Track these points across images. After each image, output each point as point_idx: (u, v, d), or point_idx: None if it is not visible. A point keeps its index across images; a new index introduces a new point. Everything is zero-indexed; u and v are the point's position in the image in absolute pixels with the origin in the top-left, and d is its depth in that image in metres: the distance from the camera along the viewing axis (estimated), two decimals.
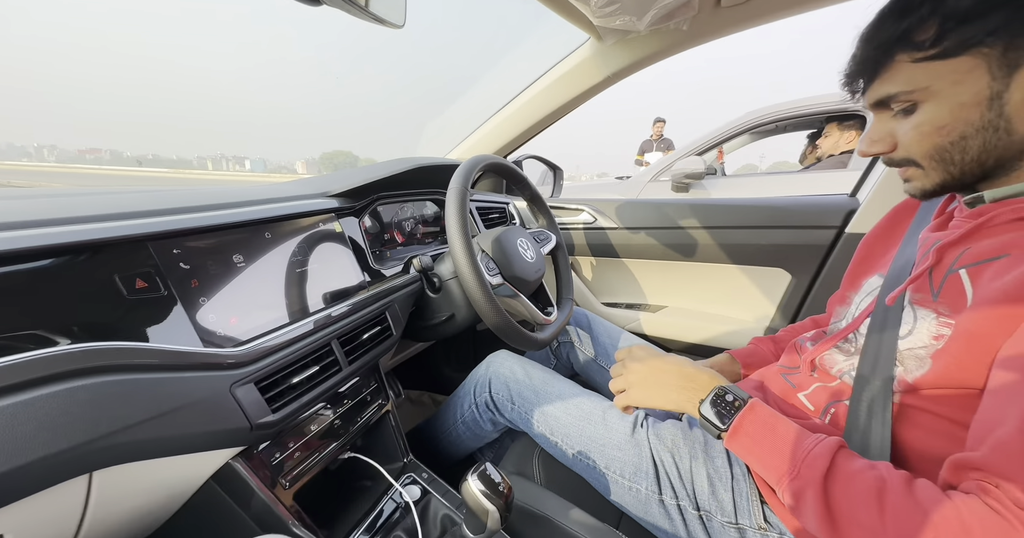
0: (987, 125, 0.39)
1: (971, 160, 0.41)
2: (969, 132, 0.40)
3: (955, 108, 0.39)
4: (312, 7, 0.47)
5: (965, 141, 0.40)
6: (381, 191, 0.80)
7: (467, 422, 0.80)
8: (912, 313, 0.45)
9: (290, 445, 0.54)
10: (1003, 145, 0.39)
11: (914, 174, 0.45)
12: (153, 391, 0.37)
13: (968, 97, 0.38)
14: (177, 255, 0.43)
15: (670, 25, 0.78)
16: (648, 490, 0.58)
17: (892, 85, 0.42)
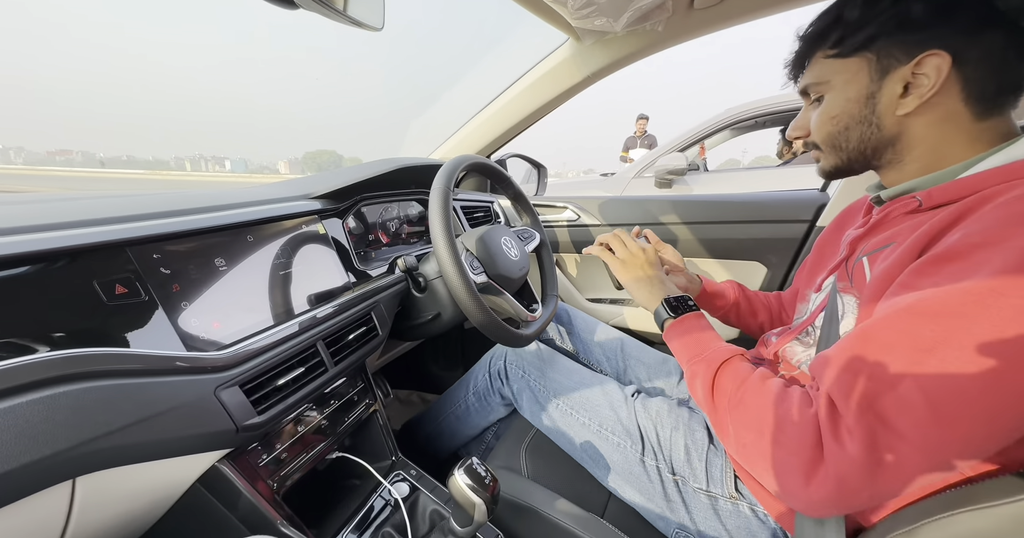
0: (864, 119, 0.46)
1: (853, 148, 0.49)
2: (852, 124, 0.47)
3: (844, 102, 0.47)
4: (289, 10, 0.47)
5: (848, 131, 0.48)
6: (365, 192, 0.80)
7: (479, 392, 0.85)
8: (841, 300, 0.50)
9: (277, 446, 0.55)
10: (875, 138, 0.47)
11: (818, 156, 0.53)
12: (136, 396, 0.37)
13: (853, 93, 0.46)
14: (157, 260, 0.43)
15: (646, 26, 0.80)
16: (632, 449, 0.64)
17: (809, 76, 0.50)
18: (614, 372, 0.88)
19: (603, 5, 0.69)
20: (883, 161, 0.49)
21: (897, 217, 0.48)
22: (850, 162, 0.50)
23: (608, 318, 1.23)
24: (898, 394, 0.33)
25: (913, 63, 0.42)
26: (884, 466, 0.33)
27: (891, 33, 0.43)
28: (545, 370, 0.78)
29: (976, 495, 0.34)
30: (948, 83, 0.41)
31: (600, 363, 0.90)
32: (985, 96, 0.41)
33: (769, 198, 1.05)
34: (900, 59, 0.43)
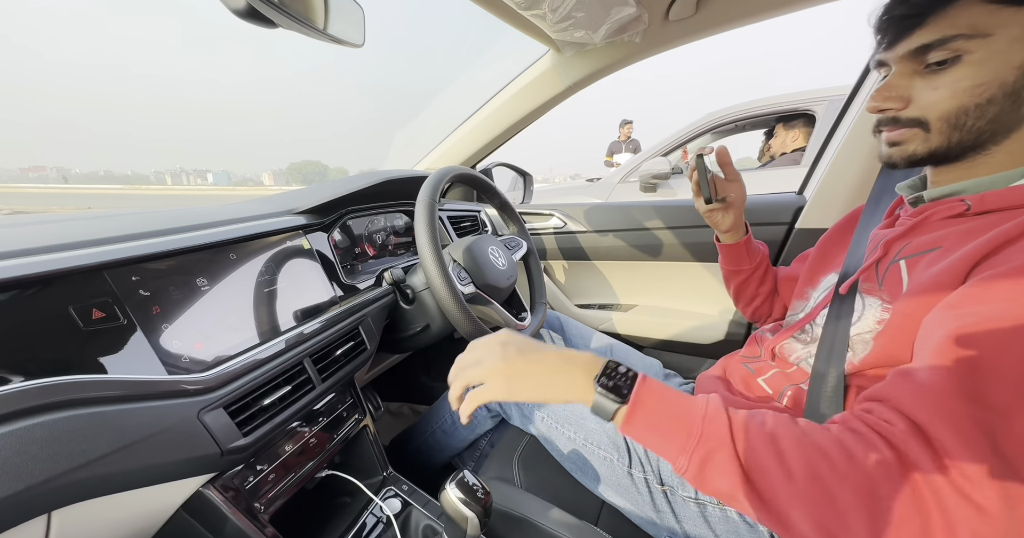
0: (1013, 92, 0.37)
1: (977, 129, 0.39)
2: (997, 97, 0.37)
3: (1000, 66, 0.36)
4: (268, 29, 0.47)
5: (988, 105, 0.38)
6: (350, 205, 0.80)
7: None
8: (861, 301, 0.49)
9: (264, 467, 0.54)
10: (1007, 118, 0.38)
11: (913, 137, 0.43)
12: (115, 423, 0.36)
13: (1019, 57, 0.36)
14: (136, 282, 0.42)
15: (624, 38, 0.81)
16: (619, 462, 0.63)
17: (951, 27, 0.37)
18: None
19: (582, 18, 0.71)
20: (978, 151, 0.41)
21: (940, 221, 0.44)
22: (958, 145, 0.41)
23: (597, 324, 1.24)
24: (1014, 428, 0.27)
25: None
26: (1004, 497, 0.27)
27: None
28: None
29: None
30: None
31: None
32: None
33: (749, 201, 1.07)
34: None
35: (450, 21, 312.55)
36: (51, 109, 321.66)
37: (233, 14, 0.42)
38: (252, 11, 0.41)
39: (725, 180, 0.70)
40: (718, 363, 0.72)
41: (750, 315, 0.83)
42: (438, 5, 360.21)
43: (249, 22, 0.44)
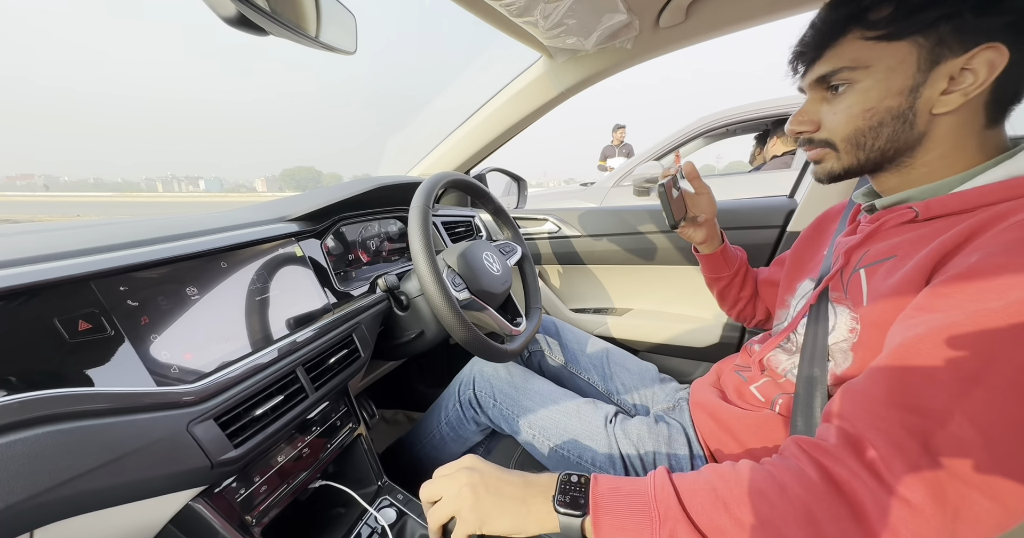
0: (901, 115, 0.42)
1: (878, 148, 0.44)
2: (887, 119, 0.43)
3: (883, 93, 0.42)
4: (259, 37, 0.47)
5: (881, 127, 0.43)
6: (343, 212, 0.80)
7: (451, 422, 0.82)
8: (833, 310, 0.50)
9: (256, 479, 0.53)
10: (904, 137, 0.43)
11: (826, 156, 0.48)
12: (101, 437, 0.35)
13: (897, 84, 0.41)
14: (124, 292, 0.42)
15: (615, 44, 0.82)
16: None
17: (839, 60, 0.43)
18: (600, 379, 0.88)
19: (573, 25, 0.71)
20: (896, 164, 0.45)
21: (893, 228, 0.46)
22: (867, 163, 0.46)
23: (592, 328, 1.24)
24: (949, 432, 0.29)
25: (967, 56, 0.38)
26: (961, 520, 0.28)
27: (962, 15, 0.37)
28: (518, 397, 0.75)
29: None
30: (985, 87, 0.38)
31: (587, 371, 0.91)
32: (1004, 102, 0.40)
33: (741, 205, 1.08)
34: (954, 49, 0.38)
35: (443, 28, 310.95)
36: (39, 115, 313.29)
37: (224, 22, 0.42)
38: (243, 19, 0.41)
39: (694, 194, 0.73)
40: (712, 369, 0.72)
41: (735, 317, 0.84)
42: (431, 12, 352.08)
43: (240, 30, 0.43)
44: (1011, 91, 0.39)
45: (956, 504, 0.28)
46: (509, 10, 0.64)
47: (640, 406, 0.83)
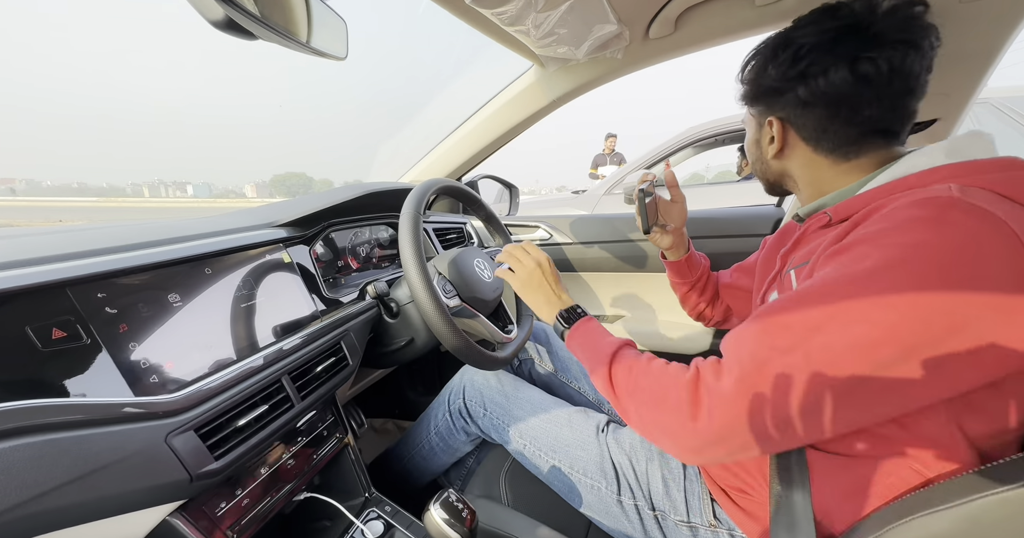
0: (759, 158, 0.59)
1: (763, 177, 0.61)
2: (753, 159, 0.61)
3: (750, 141, 0.60)
4: (249, 40, 0.47)
5: (755, 164, 0.61)
6: (333, 218, 0.79)
7: (441, 432, 0.81)
8: None
9: (237, 492, 0.51)
10: (769, 172, 0.59)
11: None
12: (73, 450, 0.34)
13: (751, 137, 0.59)
14: (102, 299, 0.40)
15: (606, 54, 0.83)
16: (608, 490, 0.62)
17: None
18: (591, 388, 0.88)
19: (564, 35, 0.72)
20: (787, 188, 0.59)
21: (814, 232, 0.52)
22: (770, 186, 0.61)
23: None
24: (786, 360, 0.38)
25: (766, 124, 0.54)
26: (755, 403, 0.38)
27: (748, 102, 0.57)
28: (508, 406, 0.75)
29: (932, 499, 0.36)
30: (793, 139, 0.53)
31: (578, 380, 0.90)
32: (825, 149, 0.51)
33: (729, 214, 1.09)
34: (760, 120, 0.56)
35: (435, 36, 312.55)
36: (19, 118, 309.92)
37: (212, 26, 0.42)
38: (231, 23, 0.40)
39: (670, 202, 0.80)
40: None
41: (695, 317, 0.89)
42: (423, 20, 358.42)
43: (228, 34, 0.43)
44: (825, 144, 0.51)
45: (752, 391, 0.38)
46: (501, 19, 0.65)
47: None
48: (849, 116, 0.48)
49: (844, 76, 0.46)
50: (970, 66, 0.70)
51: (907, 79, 0.46)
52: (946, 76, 0.72)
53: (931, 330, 0.34)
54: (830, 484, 0.45)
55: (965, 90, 0.72)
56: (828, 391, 0.36)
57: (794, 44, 0.49)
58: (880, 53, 0.44)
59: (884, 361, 0.35)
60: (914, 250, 0.36)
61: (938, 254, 0.35)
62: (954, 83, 0.72)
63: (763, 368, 0.38)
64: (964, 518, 0.33)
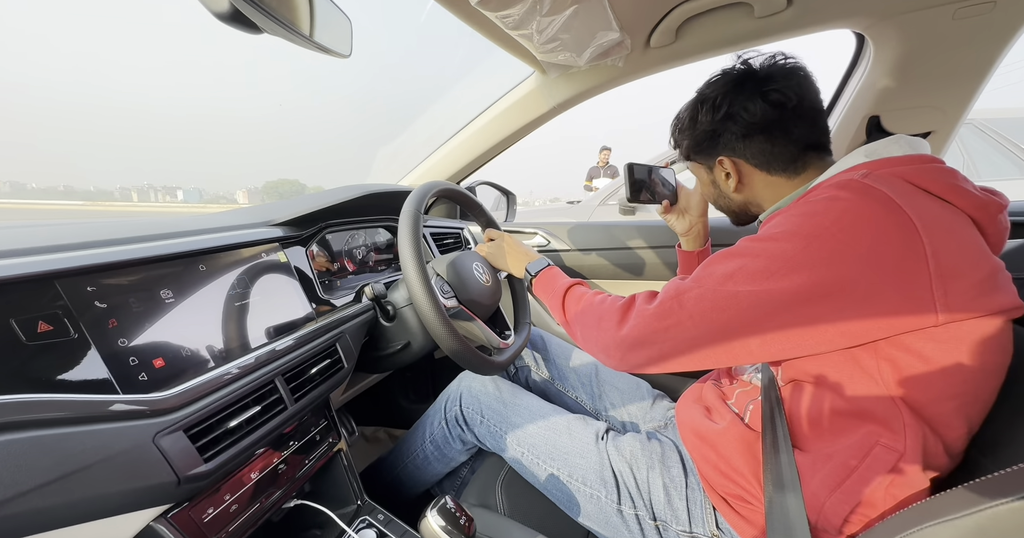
0: (720, 195, 0.65)
1: (728, 211, 0.67)
2: (712, 200, 0.68)
3: (706, 186, 0.67)
4: (253, 34, 0.46)
5: (716, 202, 0.68)
6: (330, 219, 0.78)
7: (436, 441, 0.79)
8: None
9: (226, 497, 0.49)
10: (734, 204, 0.64)
11: None
12: (55, 449, 0.32)
13: (704, 180, 0.66)
14: (92, 293, 0.39)
15: (607, 62, 0.84)
16: (608, 499, 0.61)
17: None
18: (589, 397, 0.87)
19: (567, 41, 0.73)
20: (753, 213, 0.64)
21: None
22: (736, 217, 0.67)
23: None
24: (700, 291, 0.48)
25: (716, 165, 0.61)
26: (668, 321, 0.49)
27: (692, 154, 0.64)
28: (506, 413, 0.74)
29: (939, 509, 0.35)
30: (746, 169, 0.59)
31: (575, 389, 0.89)
32: (778, 169, 0.57)
33: (725, 222, 1.10)
34: (709, 164, 0.62)
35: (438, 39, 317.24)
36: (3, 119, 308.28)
37: (215, 17, 0.41)
38: (236, 15, 0.40)
39: (689, 190, 0.85)
40: (694, 385, 0.72)
41: None
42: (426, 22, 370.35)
43: (232, 26, 0.43)
44: (775, 165, 0.57)
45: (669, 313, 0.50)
46: (505, 22, 0.65)
47: (630, 423, 0.81)
48: (784, 137, 0.55)
49: (761, 106, 0.54)
50: (963, 81, 0.72)
51: (811, 101, 0.55)
52: (939, 91, 0.74)
53: (803, 286, 0.42)
54: (817, 481, 0.47)
55: (958, 105, 0.74)
56: (723, 318, 0.46)
57: (709, 98, 0.58)
58: (779, 85, 0.54)
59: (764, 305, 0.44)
60: (806, 218, 0.44)
61: (821, 221, 0.43)
62: (947, 98, 0.74)
63: (680, 297, 0.49)
64: (972, 529, 0.33)
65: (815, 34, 0.77)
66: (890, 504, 0.43)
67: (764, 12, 0.70)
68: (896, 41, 0.73)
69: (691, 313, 0.48)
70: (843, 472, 0.45)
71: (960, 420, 0.44)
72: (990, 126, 2.15)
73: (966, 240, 0.42)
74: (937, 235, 0.40)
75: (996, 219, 0.46)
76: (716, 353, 0.48)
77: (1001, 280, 0.43)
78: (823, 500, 0.46)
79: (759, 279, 0.44)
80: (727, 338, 0.46)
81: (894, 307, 0.40)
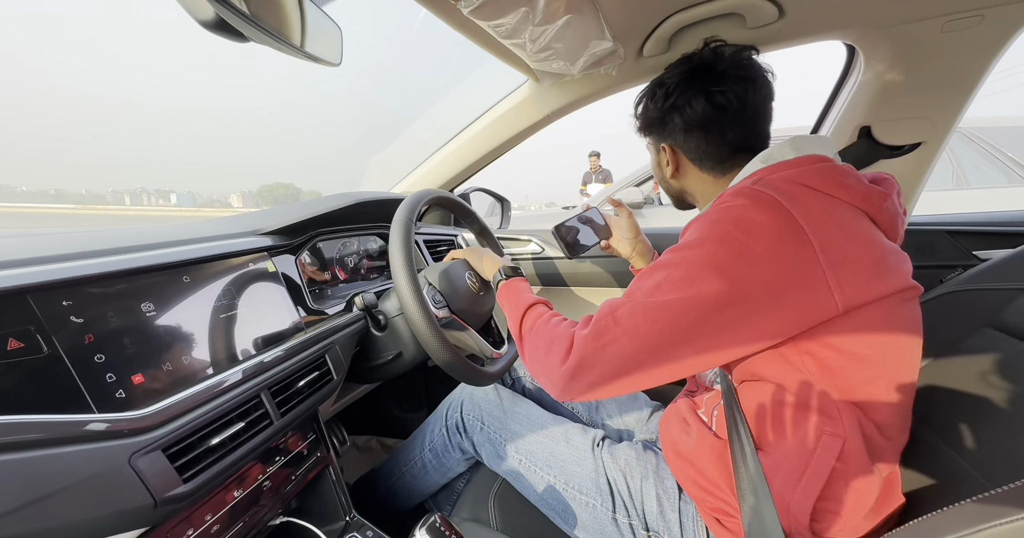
0: (661, 178, 0.69)
1: (668, 193, 0.71)
2: (659, 179, 0.70)
3: (653, 165, 0.70)
4: (240, 42, 0.45)
5: (660, 183, 0.70)
6: (321, 227, 0.77)
7: (436, 448, 0.79)
8: None
9: (207, 518, 0.47)
10: (671, 188, 0.69)
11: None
12: (23, 473, 0.31)
13: (652, 160, 0.69)
14: (67, 308, 0.38)
15: (600, 70, 0.84)
16: (603, 507, 0.61)
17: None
18: (585, 408, 0.86)
19: (560, 50, 0.73)
20: (690, 202, 0.69)
21: None
22: (675, 201, 0.71)
23: None
24: (631, 305, 0.48)
25: (660, 150, 0.65)
26: (605, 339, 0.49)
27: (643, 133, 0.68)
28: (506, 421, 0.74)
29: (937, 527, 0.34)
30: (683, 161, 0.63)
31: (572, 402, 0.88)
32: (708, 167, 0.61)
33: (670, 233, 1.10)
34: (656, 146, 0.66)
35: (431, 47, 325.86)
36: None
37: (201, 26, 0.41)
38: (222, 23, 0.39)
39: (617, 217, 0.88)
40: (676, 398, 0.71)
41: None
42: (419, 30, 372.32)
43: (218, 35, 0.42)
44: (707, 162, 0.61)
45: (605, 334, 0.49)
46: (498, 32, 0.65)
47: (626, 433, 0.81)
48: (719, 138, 0.59)
49: (704, 105, 0.57)
50: (952, 93, 0.72)
51: (754, 107, 0.57)
52: (929, 102, 0.75)
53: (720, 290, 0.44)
54: (780, 480, 0.48)
55: (948, 115, 0.74)
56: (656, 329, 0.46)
57: (665, 84, 0.61)
58: (726, 87, 0.56)
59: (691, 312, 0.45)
60: (712, 225, 0.47)
61: (724, 227, 0.46)
62: (937, 108, 0.75)
63: (613, 313, 0.49)
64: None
65: (808, 45, 0.78)
66: (852, 496, 0.46)
67: (756, 23, 0.71)
68: (886, 53, 0.74)
69: (626, 328, 0.47)
70: (800, 467, 0.47)
71: (887, 401, 0.47)
72: (979, 135, 2.19)
73: (853, 230, 0.46)
74: (823, 230, 0.44)
75: (882, 207, 0.49)
76: (657, 366, 0.48)
77: (892, 262, 0.47)
78: (788, 499, 0.47)
79: (683, 287, 0.46)
80: (664, 349, 0.47)
81: (799, 301, 0.43)
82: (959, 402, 0.55)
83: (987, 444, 0.49)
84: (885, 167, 0.82)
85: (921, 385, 0.63)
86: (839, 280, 0.43)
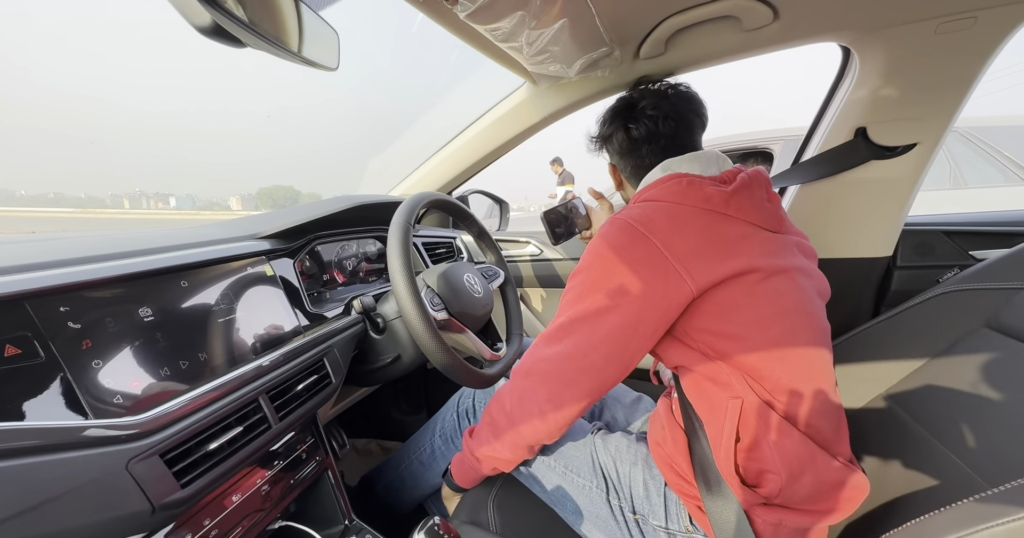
0: (619, 184, 0.78)
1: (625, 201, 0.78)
2: (615, 185, 0.79)
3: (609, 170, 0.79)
4: (237, 48, 0.46)
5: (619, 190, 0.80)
6: (319, 230, 0.77)
7: (447, 434, 0.81)
8: None
9: (205, 522, 0.47)
10: (624, 198, 0.79)
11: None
12: (20, 480, 0.31)
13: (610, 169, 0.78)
14: (64, 313, 0.38)
15: (597, 73, 0.85)
16: (598, 489, 0.64)
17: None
18: (588, 412, 0.86)
19: (556, 53, 0.73)
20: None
21: None
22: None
23: None
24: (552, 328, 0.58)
25: (608, 165, 0.77)
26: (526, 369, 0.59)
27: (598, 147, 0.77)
28: None
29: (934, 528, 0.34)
30: (622, 177, 0.75)
31: None
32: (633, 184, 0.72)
33: None
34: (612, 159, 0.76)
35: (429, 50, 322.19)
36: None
37: (198, 32, 0.41)
38: (218, 29, 0.39)
39: (599, 210, 0.96)
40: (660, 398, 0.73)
41: None
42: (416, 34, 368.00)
43: (215, 40, 0.42)
44: (630, 178, 0.72)
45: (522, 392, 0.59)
46: (495, 35, 0.65)
47: (623, 426, 0.82)
48: (639, 163, 0.69)
49: (623, 137, 0.69)
50: (947, 94, 0.73)
51: (666, 136, 0.66)
52: (924, 103, 0.75)
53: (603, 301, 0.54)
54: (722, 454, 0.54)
55: (943, 116, 0.75)
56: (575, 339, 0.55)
57: (602, 117, 0.73)
58: (638, 124, 0.67)
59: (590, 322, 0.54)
60: (592, 248, 0.58)
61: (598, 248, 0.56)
62: (932, 110, 0.75)
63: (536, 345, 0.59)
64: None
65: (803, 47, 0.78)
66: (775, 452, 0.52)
67: (751, 26, 0.71)
68: (881, 54, 0.74)
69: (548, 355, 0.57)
70: (724, 434, 0.54)
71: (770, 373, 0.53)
72: (976, 134, 2.19)
73: (698, 228, 0.54)
74: (665, 234, 0.53)
75: (728, 204, 0.56)
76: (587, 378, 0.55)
77: (737, 248, 0.54)
78: (728, 466, 0.53)
79: (579, 301, 0.56)
80: (584, 358, 0.55)
81: (661, 291, 0.52)
82: (955, 401, 0.55)
83: (984, 444, 0.49)
84: (881, 168, 0.82)
85: (917, 384, 0.63)
86: (687, 268, 0.52)
